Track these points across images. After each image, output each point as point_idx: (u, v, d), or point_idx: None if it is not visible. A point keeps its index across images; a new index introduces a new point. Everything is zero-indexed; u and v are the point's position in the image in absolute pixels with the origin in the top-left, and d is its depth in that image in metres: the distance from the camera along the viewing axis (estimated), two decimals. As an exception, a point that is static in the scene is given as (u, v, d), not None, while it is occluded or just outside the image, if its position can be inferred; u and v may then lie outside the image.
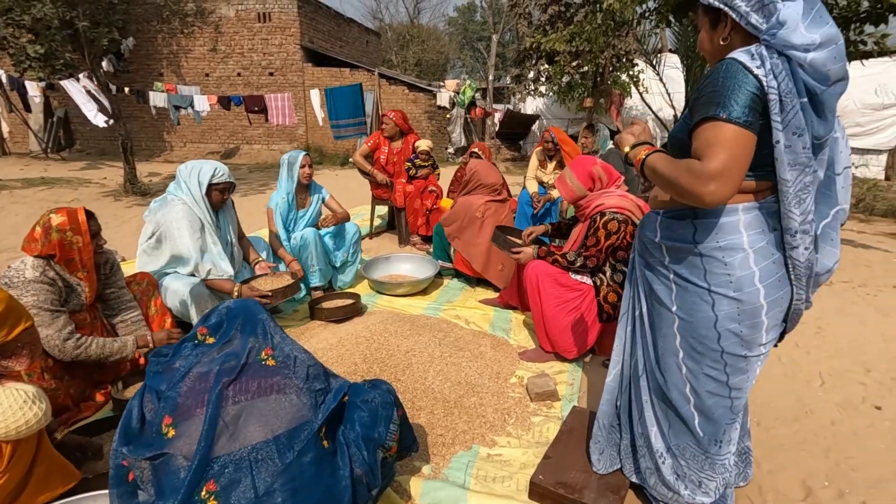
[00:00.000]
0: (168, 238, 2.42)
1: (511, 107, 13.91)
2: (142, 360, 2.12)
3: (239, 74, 12.24)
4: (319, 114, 10.35)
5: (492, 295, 3.41)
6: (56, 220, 1.86)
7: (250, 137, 12.71)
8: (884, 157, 11.02)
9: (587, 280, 2.44)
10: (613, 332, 2.53)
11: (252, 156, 12.56)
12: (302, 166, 3.18)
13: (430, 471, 1.76)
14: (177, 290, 2.38)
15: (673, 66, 8.16)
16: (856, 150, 10.83)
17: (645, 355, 1.45)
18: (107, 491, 1.42)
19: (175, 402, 1.13)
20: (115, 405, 2.04)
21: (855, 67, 11.05)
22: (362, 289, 3.46)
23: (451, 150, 12.32)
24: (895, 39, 4.94)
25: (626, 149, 1.35)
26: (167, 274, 2.45)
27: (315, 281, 3.15)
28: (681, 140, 1.24)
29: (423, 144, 4.60)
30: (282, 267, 2.99)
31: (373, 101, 11.72)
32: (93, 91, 7.77)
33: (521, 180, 6.41)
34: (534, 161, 4.49)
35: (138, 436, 1.15)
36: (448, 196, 4.66)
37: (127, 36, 10.68)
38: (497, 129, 12.70)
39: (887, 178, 10.55)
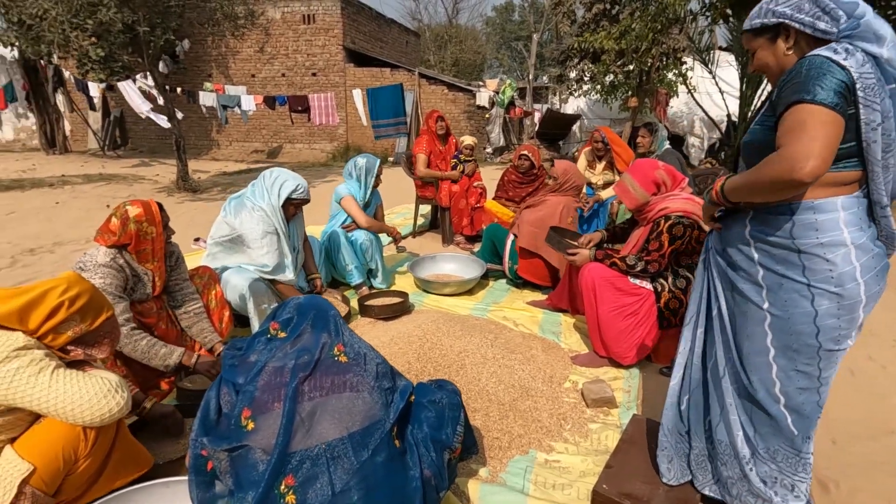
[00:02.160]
0: (247, 244, 2.51)
1: (550, 106, 13.72)
2: (165, 385, 2.13)
3: (283, 75, 12.53)
4: (362, 113, 10.49)
5: (538, 296, 3.35)
6: (133, 211, 1.94)
7: (292, 137, 13.00)
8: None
9: (647, 285, 2.36)
10: (672, 339, 2.46)
11: (294, 155, 12.85)
12: (377, 175, 3.18)
13: (488, 474, 1.73)
14: (236, 284, 2.44)
15: (725, 64, 7.84)
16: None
17: (726, 356, 1.40)
18: (177, 477, 1.46)
19: (252, 395, 1.14)
20: (179, 394, 2.10)
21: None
22: (408, 287, 3.46)
23: (489, 149, 12.26)
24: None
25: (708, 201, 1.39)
26: (228, 268, 2.52)
27: (356, 279, 3.18)
28: (760, 142, 1.26)
29: (468, 140, 4.66)
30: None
31: (413, 100, 11.79)
32: (149, 91, 8.10)
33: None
34: (582, 161, 4.39)
35: (216, 427, 1.17)
36: (494, 199, 4.62)
37: (182, 38, 11.11)
38: (536, 129, 12.55)
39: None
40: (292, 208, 2.67)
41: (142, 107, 9.18)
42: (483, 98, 11.61)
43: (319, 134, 12.80)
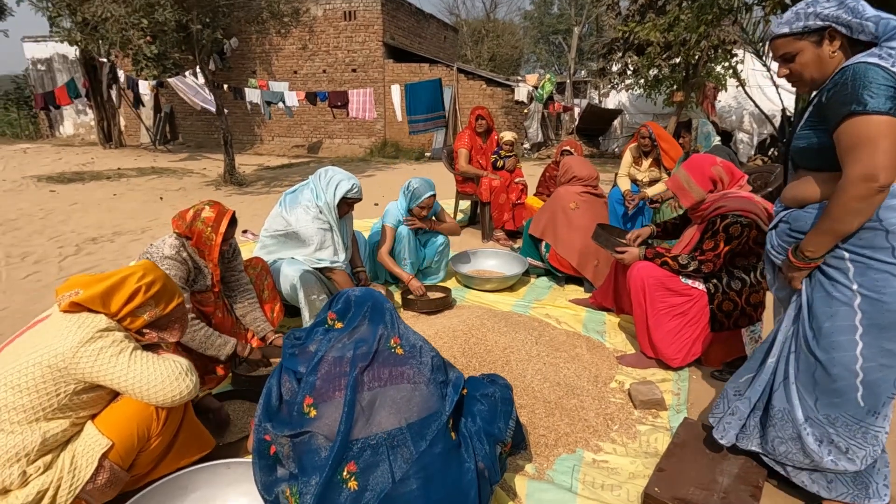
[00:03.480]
0: (302, 239, 2.59)
1: (590, 101, 13.45)
2: (221, 370, 2.19)
3: (324, 71, 12.76)
4: (399, 109, 10.58)
5: (581, 294, 3.31)
6: (206, 212, 2.03)
7: (332, 132, 13.24)
8: None
9: (699, 286, 2.29)
10: (724, 342, 2.39)
11: (333, 150, 13.10)
12: (422, 207, 3.14)
13: (535, 471, 1.73)
14: (288, 273, 2.52)
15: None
16: None
17: (801, 335, 1.43)
18: (237, 459, 1.53)
19: (314, 384, 1.18)
20: (234, 379, 2.19)
21: None
22: (450, 282, 3.48)
23: (526, 145, 12.14)
24: None
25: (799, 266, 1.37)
26: (281, 259, 2.60)
27: (407, 271, 3.22)
28: (817, 147, 1.30)
29: (508, 135, 4.66)
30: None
31: (451, 96, 11.80)
32: (198, 87, 8.41)
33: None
34: (627, 158, 4.29)
35: (278, 413, 1.22)
36: (535, 195, 4.58)
37: (230, 37, 11.48)
38: (576, 124, 12.34)
39: None
40: (346, 207, 2.74)
41: (196, 99, 9.48)
42: (522, 93, 11.50)
43: (357, 129, 12.98)
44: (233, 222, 2.12)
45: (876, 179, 1.15)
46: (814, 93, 1.38)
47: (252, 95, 10.35)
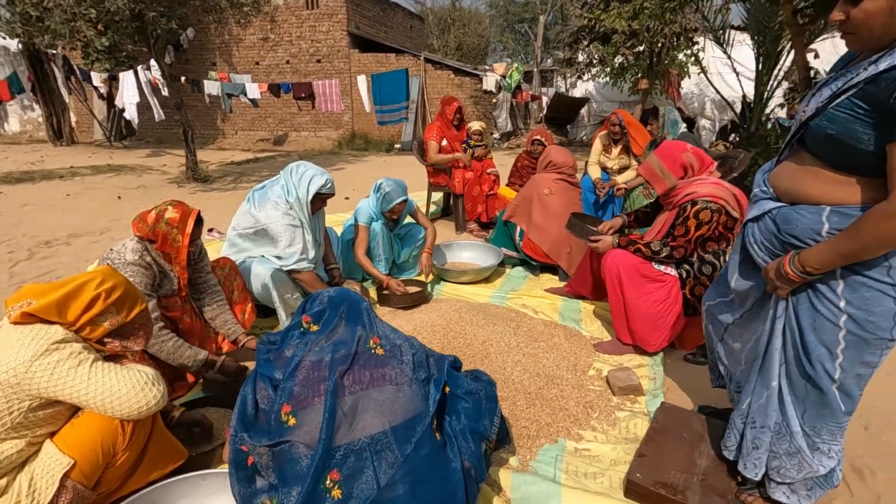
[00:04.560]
0: (272, 237, 2.49)
1: (557, 90, 13.54)
2: (191, 377, 2.10)
3: (287, 62, 12.42)
4: (366, 100, 10.40)
5: (556, 283, 3.33)
6: (170, 213, 1.93)
7: (298, 125, 12.93)
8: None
9: (672, 271, 2.32)
10: (697, 326, 2.43)
11: (300, 143, 12.80)
12: (393, 211, 3.05)
13: (518, 463, 1.73)
14: (259, 273, 2.44)
15: (739, 44, 7.68)
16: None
17: (791, 347, 1.32)
18: (213, 470, 1.47)
19: (292, 391, 1.13)
20: (206, 385, 2.11)
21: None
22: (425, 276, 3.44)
23: (496, 135, 12.15)
24: None
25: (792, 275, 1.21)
26: (251, 258, 2.51)
27: (381, 269, 3.16)
28: (845, 137, 1.08)
29: (476, 125, 4.64)
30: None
31: (419, 86, 11.67)
32: (157, 81, 7.97)
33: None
34: (597, 146, 4.33)
35: (255, 422, 1.17)
36: (507, 185, 4.58)
37: (187, 27, 11.01)
38: (544, 113, 12.41)
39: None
40: (319, 203, 2.67)
41: (129, 98, 8.32)
42: (490, 83, 11.47)
43: (325, 121, 12.72)
44: (199, 222, 2.03)
45: None
46: (845, 68, 1.14)
47: (212, 88, 9.97)
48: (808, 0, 4.02)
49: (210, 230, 4.40)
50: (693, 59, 8.37)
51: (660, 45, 7.52)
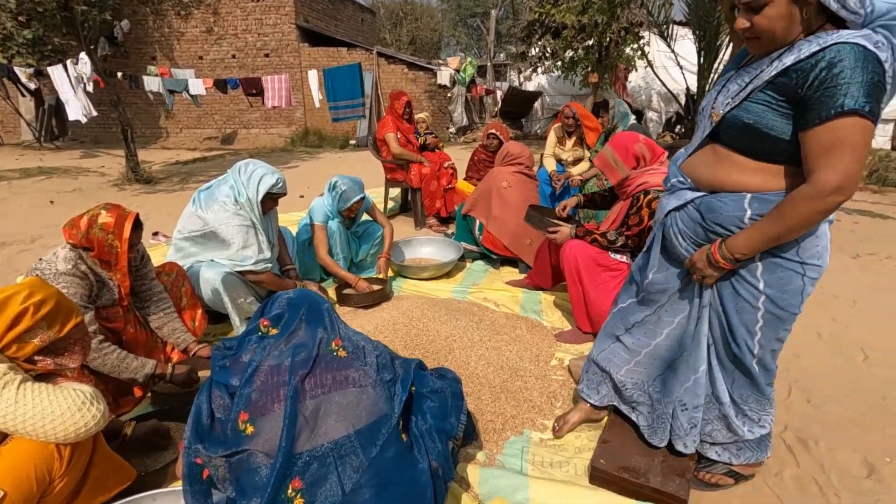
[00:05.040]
0: (222, 239, 2.36)
1: (511, 84, 13.68)
2: (139, 391, 1.97)
3: (233, 56, 11.94)
4: (317, 95, 10.14)
5: (517, 275, 3.36)
6: (104, 217, 1.78)
7: (247, 121, 12.47)
8: (890, 127, 10.94)
9: (627, 259, 2.38)
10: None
11: (250, 140, 12.35)
12: (351, 210, 2.98)
13: (485, 457, 1.72)
14: (209, 278, 2.32)
15: (682, 39, 7.99)
16: (863, 121, 10.72)
17: (718, 328, 1.41)
18: (165, 489, 1.38)
19: (249, 397, 1.07)
20: (154, 399, 1.99)
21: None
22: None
23: (452, 129, 12.14)
24: None
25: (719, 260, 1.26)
26: (200, 262, 2.38)
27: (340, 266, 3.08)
28: (762, 127, 1.12)
29: (421, 115, 4.75)
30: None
31: (372, 81, 11.49)
32: (86, 76, 7.44)
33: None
34: (552, 138, 4.39)
35: (210, 433, 1.10)
36: (465, 180, 4.58)
37: (121, 18, 10.36)
38: (499, 107, 12.51)
39: (893, 148, 10.48)
40: (271, 202, 2.57)
41: (68, 95, 7.80)
42: (444, 77, 11.44)
43: (276, 118, 12.33)
44: (137, 226, 1.89)
45: (848, 192, 1.03)
46: (747, 61, 1.21)
47: (152, 84, 9.44)
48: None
49: (155, 234, 4.18)
50: (640, 53, 8.66)
51: (608, 39, 7.71)
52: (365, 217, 3.34)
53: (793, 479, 1.66)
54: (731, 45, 4.69)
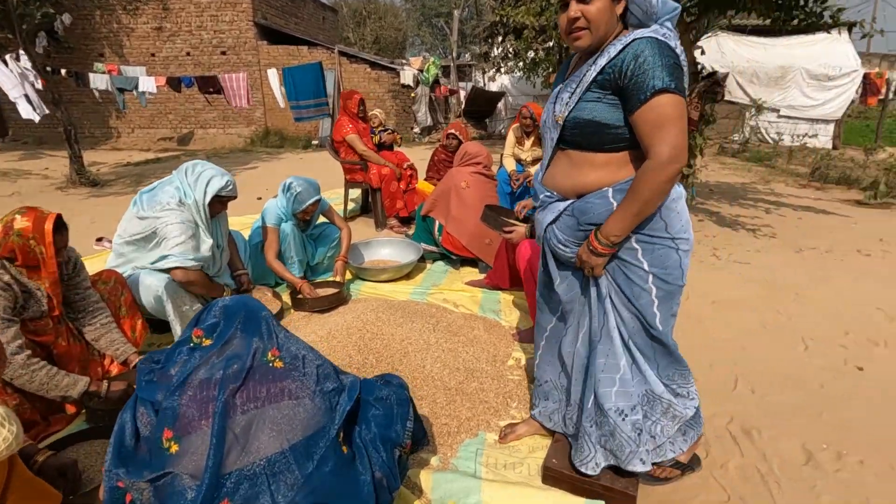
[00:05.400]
0: (165, 242, 2.24)
1: (475, 84, 13.73)
2: (72, 408, 1.87)
3: (188, 54, 11.53)
4: (279, 94, 9.90)
5: (477, 275, 3.36)
6: (20, 223, 1.66)
7: (204, 121, 12.07)
8: (831, 127, 11.56)
9: (581, 258, 2.40)
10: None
11: (208, 141, 11.96)
12: (306, 212, 2.91)
13: (439, 461, 1.70)
14: (150, 284, 2.20)
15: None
16: (806, 121, 11.31)
17: (629, 317, 1.44)
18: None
19: (175, 413, 1.01)
20: (89, 415, 1.87)
21: (803, 44, 11.36)
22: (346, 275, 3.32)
23: (416, 129, 12.09)
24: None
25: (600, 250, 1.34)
26: (140, 269, 2.27)
27: (295, 271, 3.00)
28: (597, 120, 1.27)
29: (374, 112, 4.78)
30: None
31: (334, 80, 11.31)
32: (31, 73, 7.00)
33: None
34: (510, 138, 4.41)
35: (134, 454, 1.03)
36: (426, 180, 4.55)
37: (62, 12, 9.82)
38: (463, 107, 12.53)
39: (834, 147, 11.08)
40: (219, 205, 2.47)
41: (12, 91, 7.45)
42: (407, 77, 11.38)
43: (235, 118, 11.98)
44: (60, 227, 1.77)
45: (681, 160, 1.18)
46: (571, 59, 1.40)
47: (99, 82, 9.01)
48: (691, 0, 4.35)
49: (99, 239, 3.97)
50: (598, 54, 8.84)
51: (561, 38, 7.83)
52: (322, 219, 3.26)
53: (737, 470, 1.71)
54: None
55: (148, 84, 9.35)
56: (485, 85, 13.45)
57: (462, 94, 12.39)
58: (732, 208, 5.48)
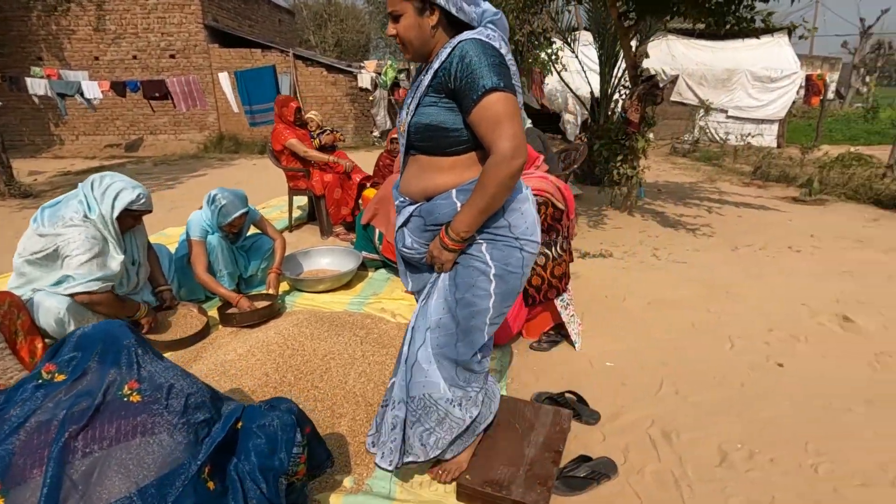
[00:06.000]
0: (68, 260, 2.10)
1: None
2: None
3: (135, 57, 11.09)
4: (232, 99, 9.63)
5: (419, 283, 3.31)
6: None
7: (155, 127, 11.63)
8: (776, 127, 12.06)
9: (510, 264, 2.39)
10: (539, 314, 2.54)
11: (159, 147, 11.52)
12: (232, 225, 2.80)
13: (353, 483, 1.64)
14: (51, 307, 2.07)
15: (588, 44, 8.33)
16: (752, 121, 11.78)
17: (447, 310, 1.44)
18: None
19: (6, 462, 0.91)
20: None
21: (748, 47, 11.80)
22: (283, 287, 3.22)
23: (376, 133, 11.97)
24: (777, 18, 5.26)
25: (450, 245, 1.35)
26: (40, 290, 2.12)
27: (225, 285, 2.88)
28: (435, 123, 1.29)
29: (311, 114, 4.66)
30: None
31: (289, 83, 11.09)
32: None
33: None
34: (456, 143, 4.38)
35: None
36: (371, 187, 4.47)
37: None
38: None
39: (779, 146, 11.57)
40: (131, 220, 2.34)
41: None
42: (365, 80, 11.25)
43: (187, 123, 11.59)
44: None
45: (523, 155, 1.21)
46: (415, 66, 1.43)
47: (37, 86, 8.58)
48: (630, 5, 4.43)
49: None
50: (554, 57, 8.94)
51: (521, 44, 7.88)
52: (255, 230, 3.15)
53: (653, 475, 1.71)
54: (622, 50, 4.93)
55: (91, 89, 8.96)
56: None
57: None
58: (677, 208, 5.62)
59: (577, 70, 10.13)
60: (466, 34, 1.22)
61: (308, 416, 1.86)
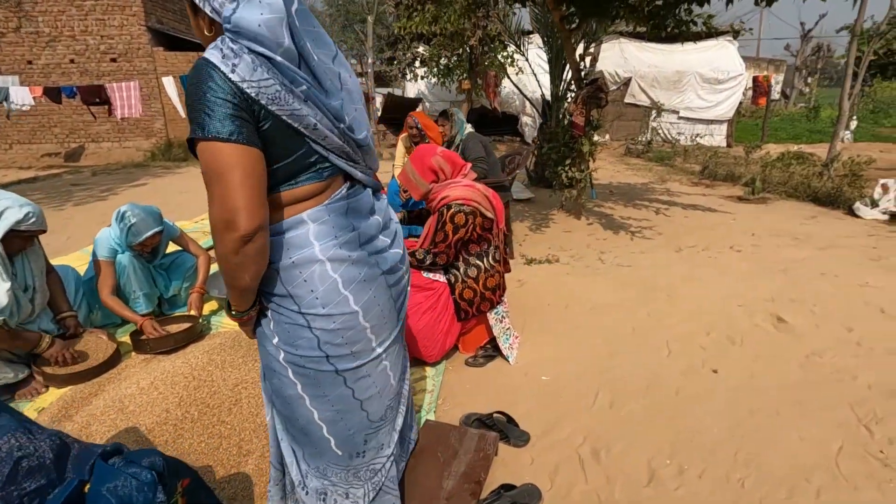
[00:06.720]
0: None
1: (393, 90, 13.58)
2: None
3: (72, 61, 10.51)
4: (178, 104, 9.23)
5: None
6: None
7: (97, 134, 11.05)
8: (725, 127, 12.47)
9: (440, 278, 2.29)
10: (473, 328, 2.45)
11: (101, 156, 10.95)
12: (144, 245, 2.57)
13: (257, 528, 1.50)
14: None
15: (540, 46, 8.37)
16: (702, 122, 12.14)
17: (276, 400, 1.22)
18: None
19: None
20: None
21: (697, 50, 12.15)
22: (210, 306, 3.02)
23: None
24: (719, 20, 5.38)
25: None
26: None
27: (142, 308, 2.67)
28: None
29: None
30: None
31: (240, 88, 10.72)
32: None
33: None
34: (400, 148, 4.28)
35: None
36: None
37: None
38: (380, 114, 12.33)
39: (728, 146, 11.95)
40: (20, 241, 2.12)
41: None
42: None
43: (132, 130, 11.07)
44: None
45: (236, 227, 0.90)
46: None
47: (-41, 93, 8.00)
48: (570, 8, 4.42)
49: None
50: (510, 60, 8.95)
51: (474, 47, 7.86)
52: (175, 247, 2.95)
53: (581, 496, 1.64)
54: (565, 52, 4.92)
55: (21, 95, 8.43)
56: (403, 91, 13.32)
57: (378, 99, 12.17)
58: (626, 210, 5.67)
59: (533, 73, 10.23)
60: (207, 51, 0.93)
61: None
